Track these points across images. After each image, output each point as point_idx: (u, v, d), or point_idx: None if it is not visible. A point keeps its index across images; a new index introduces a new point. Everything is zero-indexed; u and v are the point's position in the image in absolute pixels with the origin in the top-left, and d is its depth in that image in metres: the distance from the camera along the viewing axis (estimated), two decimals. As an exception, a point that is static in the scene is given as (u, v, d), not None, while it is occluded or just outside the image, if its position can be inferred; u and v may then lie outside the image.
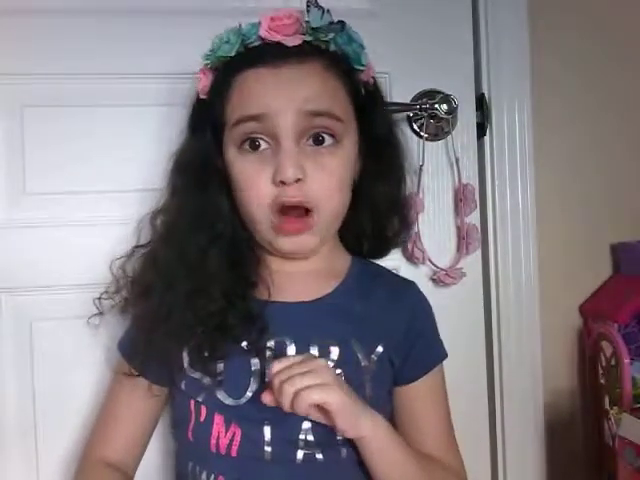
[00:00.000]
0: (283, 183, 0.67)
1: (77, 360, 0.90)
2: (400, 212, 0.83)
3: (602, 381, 0.99)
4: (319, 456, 0.70)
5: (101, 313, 0.81)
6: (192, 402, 0.73)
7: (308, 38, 0.70)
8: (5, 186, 0.89)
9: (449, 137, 0.96)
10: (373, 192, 0.78)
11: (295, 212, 0.70)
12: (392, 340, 0.75)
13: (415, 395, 0.78)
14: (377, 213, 0.80)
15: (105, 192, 0.90)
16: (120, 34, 0.90)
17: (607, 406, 0.97)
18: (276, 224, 0.70)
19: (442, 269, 0.95)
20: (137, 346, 0.73)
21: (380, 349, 0.74)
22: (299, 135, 0.68)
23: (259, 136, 0.69)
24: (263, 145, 0.70)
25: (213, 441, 0.71)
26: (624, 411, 0.87)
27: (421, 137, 0.96)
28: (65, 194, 0.90)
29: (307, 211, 0.70)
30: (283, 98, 0.68)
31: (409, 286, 0.83)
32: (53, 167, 0.89)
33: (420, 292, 0.82)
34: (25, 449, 0.89)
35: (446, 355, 0.81)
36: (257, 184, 0.69)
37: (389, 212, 0.81)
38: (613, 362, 0.95)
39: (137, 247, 0.78)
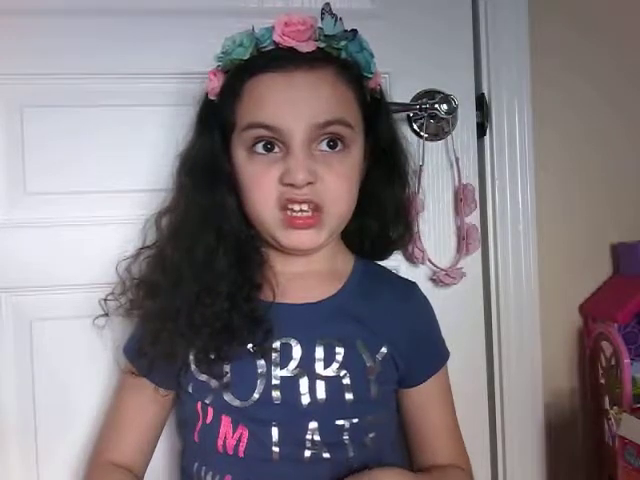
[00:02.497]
0: (292, 185, 0.68)
1: (77, 360, 0.90)
2: (404, 216, 0.84)
3: (602, 381, 0.98)
4: (326, 455, 0.71)
5: (107, 314, 0.81)
6: (199, 404, 0.73)
7: (321, 45, 0.71)
8: (5, 186, 0.89)
9: (449, 137, 0.96)
10: (378, 196, 0.79)
11: (303, 213, 0.70)
12: (396, 342, 0.76)
13: (426, 397, 0.80)
14: (381, 216, 0.81)
15: (105, 192, 0.90)
16: (120, 34, 0.90)
17: (607, 406, 0.97)
18: (284, 218, 0.70)
19: (442, 269, 0.95)
20: (143, 349, 0.73)
21: (384, 350, 0.74)
22: (310, 142, 0.69)
23: (270, 140, 0.70)
24: (274, 148, 0.70)
25: (220, 442, 0.71)
26: (624, 411, 0.87)
27: (421, 137, 0.96)
28: (65, 194, 0.90)
29: (316, 208, 0.70)
30: (296, 110, 0.68)
31: (412, 288, 0.83)
32: (53, 167, 0.89)
33: (422, 294, 0.83)
34: (25, 449, 0.89)
35: (449, 354, 0.82)
36: (264, 183, 0.70)
37: (393, 215, 0.82)
38: (613, 362, 0.95)
39: (143, 248, 0.78)
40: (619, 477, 0.83)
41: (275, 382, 0.70)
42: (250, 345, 0.71)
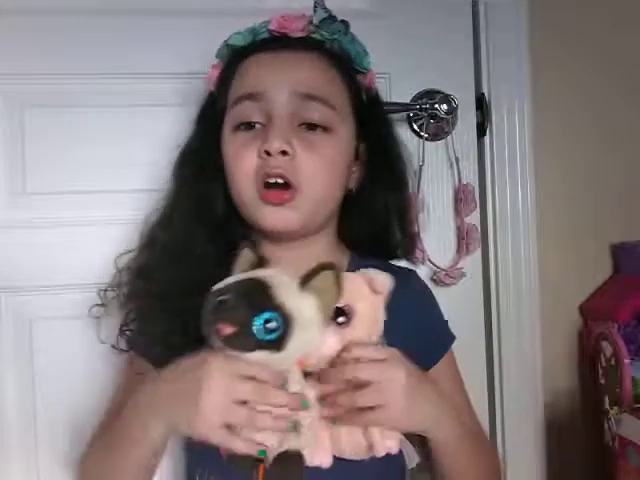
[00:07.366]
0: (268, 154, 0.68)
1: (77, 360, 0.90)
2: (404, 221, 0.82)
3: (602, 381, 0.98)
4: None
5: (103, 305, 0.80)
6: None
7: (314, 35, 0.73)
8: (5, 186, 0.89)
9: (449, 137, 0.96)
10: (375, 200, 0.78)
11: (278, 187, 0.70)
12: (396, 334, 0.74)
13: (438, 376, 0.78)
14: (379, 221, 0.80)
15: (105, 192, 0.90)
16: (121, 34, 0.90)
17: (607, 406, 0.96)
18: (260, 194, 0.70)
19: (442, 269, 0.95)
20: (148, 338, 0.72)
21: (385, 345, 0.74)
22: (292, 116, 0.69)
23: (254, 119, 0.71)
24: (257, 126, 0.71)
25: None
26: (624, 411, 0.87)
27: (421, 137, 0.96)
28: (65, 194, 0.90)
29: (290, 185, 0.69)
30: (279, 78, 0.70)
31: (409, 278, 0.82)
32: (53, 167, 0.90)
33: (421, 281, 0.84)
34: (25, 449, 0.89)
35: (453, 338, 0.82)
36: (244, 158, 0.70)
37: (392, 220, 0.81)
38: (613, 362, 0.95)
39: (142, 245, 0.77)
40: (619, 477, 0.83)
41: None
42: None
